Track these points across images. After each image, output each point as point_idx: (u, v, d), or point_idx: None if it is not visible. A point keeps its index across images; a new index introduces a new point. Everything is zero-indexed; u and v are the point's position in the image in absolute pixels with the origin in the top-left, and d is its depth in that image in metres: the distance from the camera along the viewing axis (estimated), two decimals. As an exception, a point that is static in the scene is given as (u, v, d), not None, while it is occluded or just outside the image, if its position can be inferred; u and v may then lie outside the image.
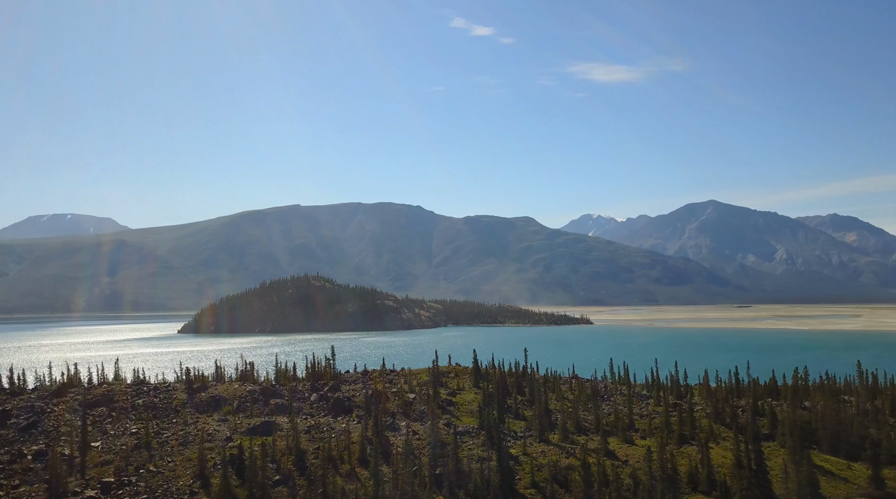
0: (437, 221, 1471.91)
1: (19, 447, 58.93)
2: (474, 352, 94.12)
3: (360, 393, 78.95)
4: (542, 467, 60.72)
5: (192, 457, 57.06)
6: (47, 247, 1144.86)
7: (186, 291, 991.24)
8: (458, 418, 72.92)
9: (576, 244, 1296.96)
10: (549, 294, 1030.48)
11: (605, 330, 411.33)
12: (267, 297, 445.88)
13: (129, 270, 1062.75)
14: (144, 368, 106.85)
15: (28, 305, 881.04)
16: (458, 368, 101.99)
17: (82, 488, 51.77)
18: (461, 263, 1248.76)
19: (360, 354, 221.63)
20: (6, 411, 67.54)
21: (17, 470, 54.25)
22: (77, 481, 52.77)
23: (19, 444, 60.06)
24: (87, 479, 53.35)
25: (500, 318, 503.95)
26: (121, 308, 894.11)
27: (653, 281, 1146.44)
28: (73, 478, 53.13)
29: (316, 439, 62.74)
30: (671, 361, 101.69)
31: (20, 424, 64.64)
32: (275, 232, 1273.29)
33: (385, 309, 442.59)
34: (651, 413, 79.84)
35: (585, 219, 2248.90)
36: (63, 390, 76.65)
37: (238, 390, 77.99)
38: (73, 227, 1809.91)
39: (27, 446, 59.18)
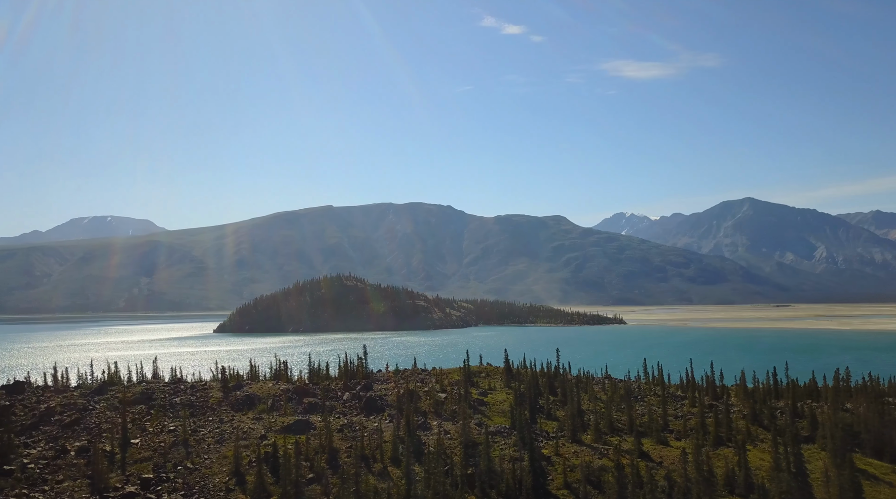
0: (468, 220, 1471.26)
1: (63, 443, 60.66)
2: (506, 352, 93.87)
3: (392, 392, 79.34)
4: (575, 468, 60.24)
5: (228, 455, 58.03)
6: (88, 248, 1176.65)
7: (221, 290, 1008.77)
8: (489, 418, 72.79)
9: (608, 243, 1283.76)
10: (580, 294, 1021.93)
11: (638, 330, 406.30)
12: (300, 296, 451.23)
13: (166, 270, 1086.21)
14: (181, 367, 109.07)
15: (71, 305, 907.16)
16: (490, 367, 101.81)
17: (123, 484, 53.06)
18: (492, 263, 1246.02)
19: (391, 354, 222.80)
20: (50, 408, 69.60)
21: (62, 465, 55.86)
22: (118, 477, 54.11)
23: (63, 440, 61.83)
24: (127, 475, 54.69)
25: (531, 318, 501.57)
26: (158, 308, 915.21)
27: (687, 280, 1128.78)
28: (114, 474, 54.50)
29: (349, 438, 63.26)
30: (706, 361, 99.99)
31: (64, 420, 66.56)
32: (308, 233, 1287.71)
33: (416, 309, 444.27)
34: (686, 414, 78.58)
35: (618, 218, 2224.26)
36: (104, 388, 78.69)
37: (272, 389, 79.06)
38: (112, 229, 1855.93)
39: (70, 443, 60.88)
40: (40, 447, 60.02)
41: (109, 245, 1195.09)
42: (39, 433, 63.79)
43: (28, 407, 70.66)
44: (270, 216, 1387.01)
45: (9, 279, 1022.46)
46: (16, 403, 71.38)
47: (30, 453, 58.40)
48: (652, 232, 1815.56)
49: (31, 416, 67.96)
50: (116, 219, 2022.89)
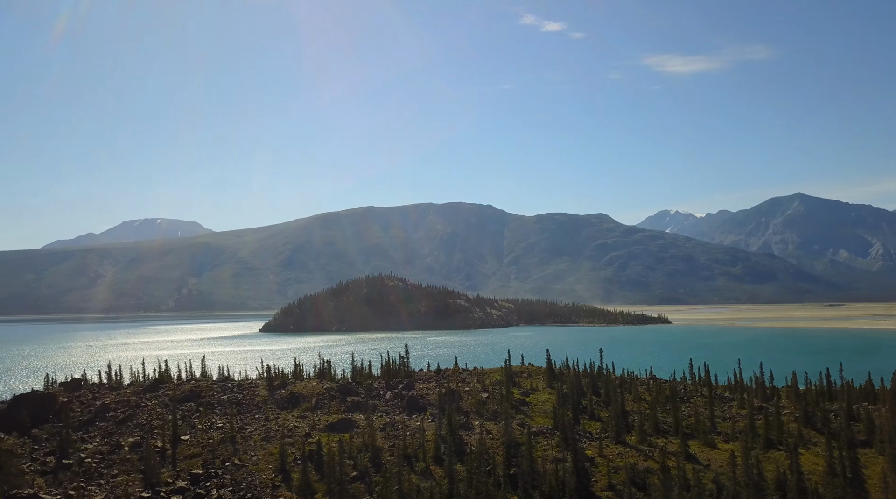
0: (508, 219, 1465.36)
1: (117, 439, 62.77)
2: (547, 352, 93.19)
3: (434, 392, 79.57)
4: (619, 470, 59.38)
5: (274, 452, 59.09)
6: (140, 250, 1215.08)
7: (267, 290, 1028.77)
8: (531, 418, 72.36)
9: (652, 241, 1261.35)
10: (624, 293, 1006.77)
11: (683, 330, 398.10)
12: (342, 296, 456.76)
13: (213, 271, 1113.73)
14: (228, 366, 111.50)
15: (123, 305, 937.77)
16: (532, 368, 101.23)
17: (174, 479, 54.56)
18: (533, 262, 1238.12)
19: (432, 353, 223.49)
20: (105, 404, 72.10)
21: (116, 460, 57.80)
22: (169, 472, 55.68)
23: (117, 435, 63.97)
24: (178, 470, 56.23)
25: (573, 317, 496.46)
26: (206, 308, 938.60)
27: (734, 279, 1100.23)
28: (165, 469, 56.10)
29: (391, 437, 63.71)
30: (755, 361, 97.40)
31: (118, 417, 68.87)
32: (350, 233, 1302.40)
33: (457, 308, 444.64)
34: (734, 416, 76.68)
35: (662, 215, 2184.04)
36: (156, 386, 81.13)
37: (316, 388, 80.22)
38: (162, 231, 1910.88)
39: (124, 438, 62.94)
40: (96, 442, 62.23)
41: (159, 247, 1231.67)
42: (95, 429, 66.15)
43: (85, 404, 73.37)
44: (313, 217, 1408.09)
45: (66, 280, 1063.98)
46: (73, 399, 74.22)
47: (86, 447, 60.61)
48: (697, 230, 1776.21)
49: (87, 412, 70.54)
50: (166, 221, 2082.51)
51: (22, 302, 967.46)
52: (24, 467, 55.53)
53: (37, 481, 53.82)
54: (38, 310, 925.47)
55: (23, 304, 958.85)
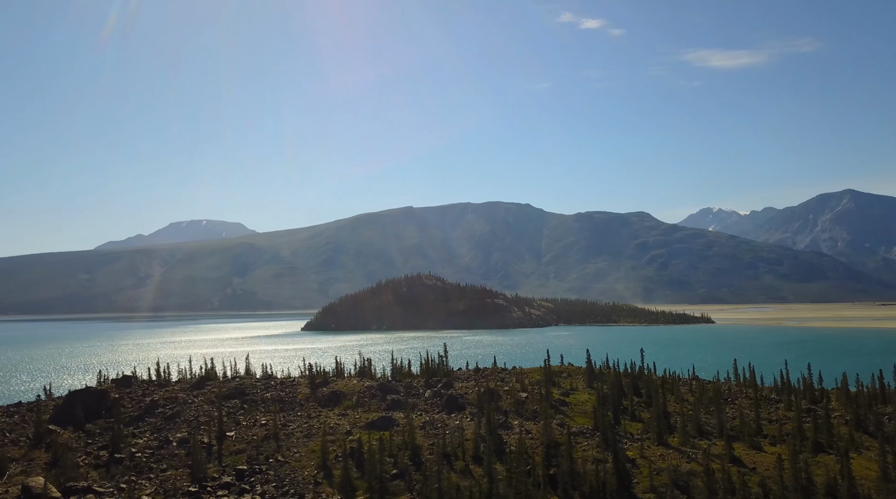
0: (547, 218, 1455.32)
1: (166, 434, 64.69)
2: (587, 351, 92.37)
3: (473, 391, 79.73)
4: (662, 472, 58.56)
5: (316, 449, 60.07)
6: (186, 251, 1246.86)
7: (308, 290, 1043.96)
8: (571, 419, 71.89)
9: (694, 240, 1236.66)
10: (665, 292, 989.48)
11: (728, 330, 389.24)
12: (381, 295, 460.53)
13: (256, 271, 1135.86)
14: (272, 364, 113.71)
15: (171, 304, 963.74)
16: (571, 367, 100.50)
17: (220, 475, 55.98)
18: (572, 261, 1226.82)
19: (470, 353, 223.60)
20: (154, 401, 74.35)
21: (165, 455, 59.59)
22: (215, 468, 57.15)
23: (166, 431, 65.94)
24: (223, 466, 57.66)
25: (613, 317, 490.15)
26: (250, 307, 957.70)
27: (781, 277, 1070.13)
28: (211, 464, 57.60)
29: (431, 435, 64.10)
30: (803, 362, 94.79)
31: (166, 413, 70.95)
32: (389, 233, 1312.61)
33: (495, 307, 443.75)
34: (781, 418, 74.79)
35: (705, 213, 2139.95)
36: (202, 383, 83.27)
37: (357, 386, 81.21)
38: (207, 232, 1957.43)
39: (172, 434, 64.83)
40: (146, 437, 64.26)
41: (205, 248, 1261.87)
42: (145, 424, 68.30)
43: (135, 400, 75.81)
44: (353, 218, 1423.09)
45: (117, 280, 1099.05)
46: (124, 396, 76.73)
47: (137, 442, 62.64)
48: (741, 227, 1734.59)
49: (137, 408, 72.87)
50: (211, 222, 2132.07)
51: (76, 301, 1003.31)
52: (78, 461, 57.71)
53: (91, 474, 55.87)
54: (90, 309, 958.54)
55: (76, 303, 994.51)
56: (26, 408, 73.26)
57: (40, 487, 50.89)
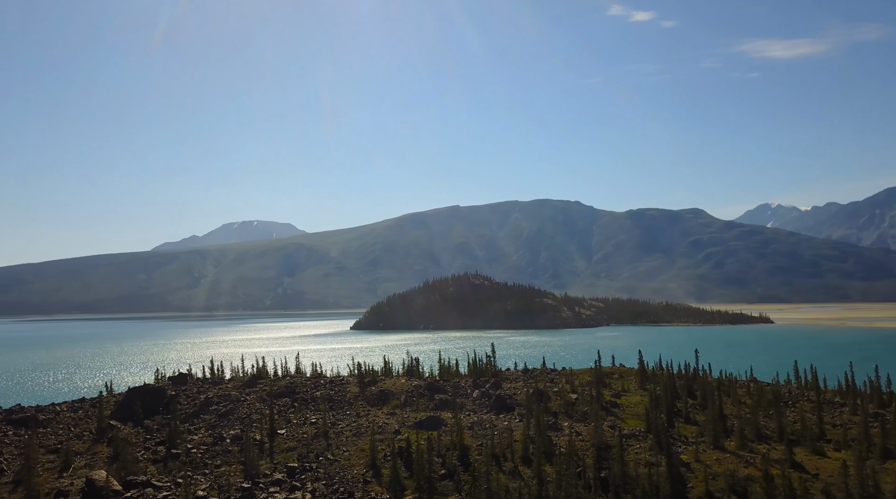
0: (597, 216, 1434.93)
1: (220, 431, 66.18)
2: (640, 352, 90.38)
3: (522, 391, 78.96)
4: (718, 476, 56.65)
5: (365, 448, 60.43)
6: (238, 251, 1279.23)
7: (357, 289, 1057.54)
8: (623, 421, 70.39)
9: (751, 237, 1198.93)
10: (721, 292, 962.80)
11: (787, 330, 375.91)
12: (429, 295, 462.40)
13: (306, 271, 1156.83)
14: (321, 363, 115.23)
15: (224, 304, 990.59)
16: (623, 368, 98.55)
17: (271, 471, 56.90)
18: (623, 260, 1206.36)
19: (518, 353, 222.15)
20: (209, 398, 76.20)
21: (219, 451, 60.95)
22: (267, 465, 58.12)
23: (219, 428, 67.46)
24: (275, 463, 58.61)
25: (666, 317, 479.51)
26: (300, 306, 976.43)
27: (844, 275, 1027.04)
28: (263, 461, 58.61)
29: (479, 436, 63.69)
30: (869, 364, 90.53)
31: (220, 410, 72.62)
32: (436, 232, 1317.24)
33: (543, 307, 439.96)
34: (846, 423, 71.48)
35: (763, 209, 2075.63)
36: (254, 381, 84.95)
37: (404, 385, 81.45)
38: (258, 232, 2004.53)
39: (226, 431, 66.28)
40: (201, 434, 65.88)
41: (256, 248, 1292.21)
42: (200, 421, 70.04)
43: (190, 397, 77.89)
44: (401, 217, 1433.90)
45: (172, 280, 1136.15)
46: (180, 393, 78.94)
47: (192, 438, 64.28)
48: (802, 224, 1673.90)
49: (192, 405, 74.83)
50: (262, 223, 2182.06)
51: (134, 301, 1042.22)
52: (138, 455, 59.58)
53: (149, 468, 57.59)
54: (148, 308, 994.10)
55: (134, 303, 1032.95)
56: (89, 403, 76.11)
57: (103, 480, 52.72)
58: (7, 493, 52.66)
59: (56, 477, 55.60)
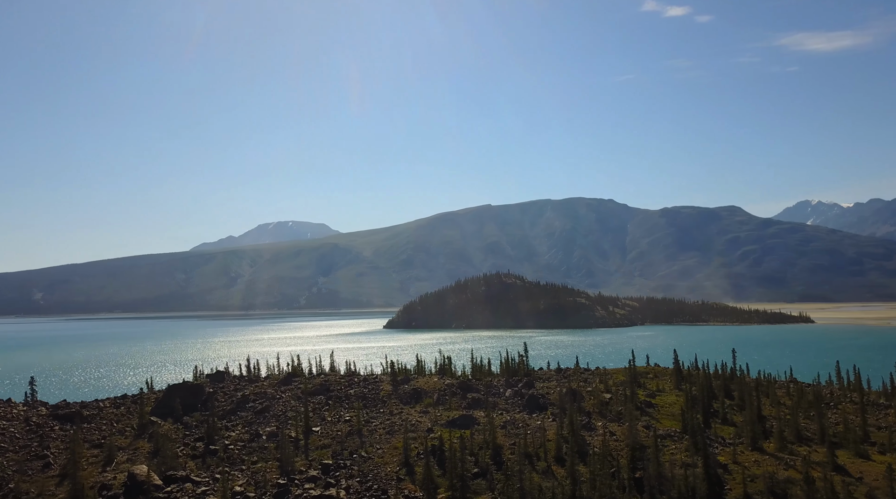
0: (631, 214, 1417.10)
1: (256, 428, 67.34)
2: (675, 352, 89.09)
3: (555, 391, 78.55)
4: (756, 478, 55.57)
5: (398, 445, 60.84)
6: (274, 251, 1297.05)
7: (390, 288, 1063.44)
8: (658, 421, 69.52)
9: (791, 234, 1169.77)
10: (759, 290, 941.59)
11: (828, 330, 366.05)
12: (461, 294, 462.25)
13: (340, 270, 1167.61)
14: (355, 361, 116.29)
15: (260, 303, 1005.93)
16: (658, 368, 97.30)
17: (307, 468, 57.70)
18: (658, 259, 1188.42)
19: (551, 352, 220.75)
20: (245, 396, 77.56)
21: (255, 448, 62.04)
22: (302, 461, 58.96)
23: (256, 425, 68.63)
24: (310, 460, 59.41)
25: (702, 316, 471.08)
26: (334, 305, 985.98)
27: (889, 274, 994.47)
28: (298, 458, 59.47)
29: (511, 435, 63.58)
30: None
31: (256, 408, 73.86)
32: (468, 232, 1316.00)
33: (577, 306, 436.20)
34: (891, 425, 69.42)
35: (803, 206, 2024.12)
36: (289, 379, 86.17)
37: (437, 384, 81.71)
38: (293, 233, 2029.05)
39: (262, 428, 67.41)
40: (238, 431, 67.13)
41: (291, 248, 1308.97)
42: (237, 418, 71.35)
43: (227, 394, 79.39)
44: (432, 217, 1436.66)
45: (210, 280, 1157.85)
46: (218, 390, 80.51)
47: (229, 435, 65.55)
48: (844, 221, 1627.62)
49: (230, 402, 76.27)
50: (297, 223, 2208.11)
51: (173, 300, 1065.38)
52: (177, 451, 60.98)
53: (188, 463, 58.91)
54: (187, 307, 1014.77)
55: (173, 302, 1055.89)
56: (131, 400, 78.10)
57: (144, 474, 54.15)
58: (54, 486, 54.44)
59: (100, 471, 57.26)
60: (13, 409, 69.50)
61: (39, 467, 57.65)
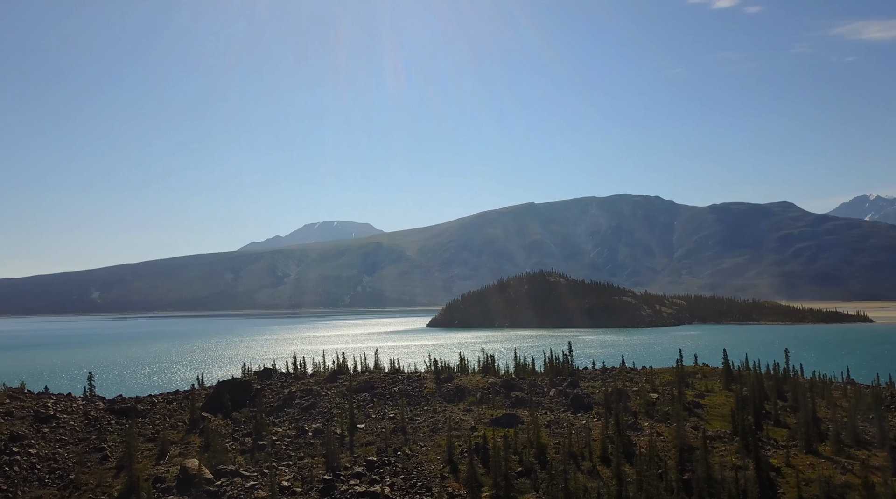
0: (678, 211, 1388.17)
1: (302, 424, 68.47)
2: (724, 351, 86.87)
3: (600, 390, 77.55)
4: (811, 482, 53.76)
5: (442, 443, 61.00)
6: (320, 251, 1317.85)
7: (433, 287, 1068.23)
8: (706, 422, 67.92)
9: (847, 231, 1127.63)
10: (813, 289, 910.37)
11: (889, 329, 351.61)
12: (504, 293, 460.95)
13: (384, 269, 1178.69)
14: (399, 359, 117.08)
15: (307, 302, 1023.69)
16: (706, 368, 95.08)
17: (352, 465, 58.39)
18: (706, 256, 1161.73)
19: (596, 352, 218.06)
20: (292, 392, 78.94)
21: (302, 444, 63.10)
22: (347, 458, 59.69)
23: (302, 421, 69.79)
24: (355, 456, 60.11)
25: (753, 315, 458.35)
26: (379, 304, 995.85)
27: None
28: (344, 454, 60.23)
29: (556, 434, 63.05)
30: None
31: (302, 404, 75.10)
32: (510, 230, 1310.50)
33: (622, 305, 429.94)
34: (957, 430, 66.22)
35: (860, 201, 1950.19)
36: (334, 377, 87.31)
37: (480, 382, 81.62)
38: (338, 232, 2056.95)
39: (308, 424, 68.49)
40: (285, 427, 68.38)
41: (336, 248, 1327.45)
42: (284, 415, 72.70)
43: (275, 391, 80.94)
44: (475, 215, 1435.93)
45: (258, 279, 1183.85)
46: (265, 387, 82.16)
47: (277, 431, 66.82)
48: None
49: (277, 399, 77.74)
50: (342, 223, 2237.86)
51: (223, 299, 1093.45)
52: (227, 446, 62.50)
53: (237, 458, 60.32)
54: (235, 306, 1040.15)
55: (224, 300, 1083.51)
56: (183, 396, 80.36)
57: (195, 468, 55.69)
58: (111, 478, 56.49)
59: (153, 464, 59.13)
60: (73, 403, 72.35)
61: (97, 459, 59.88)
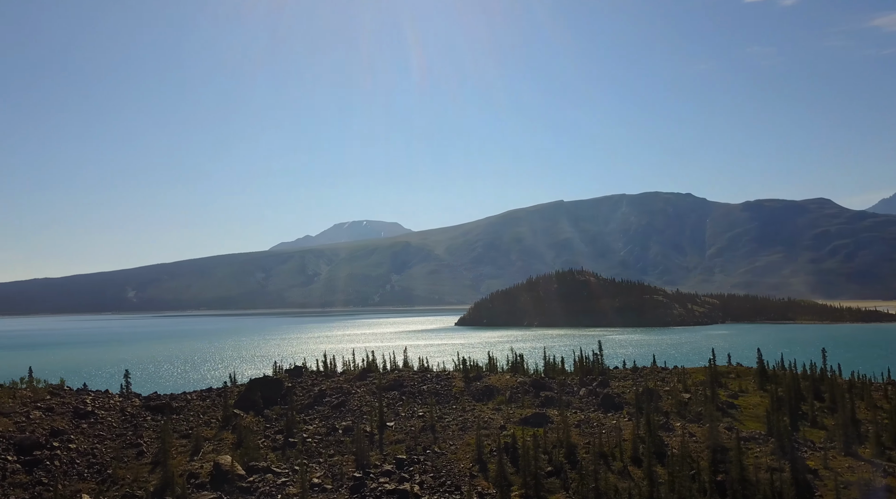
0: (711, 208, 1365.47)
1: (332, 422, 69.10)
2: (759, 351, 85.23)
3: (630, 390, 76.75)
4: (850, 485, 52.45)
5: (471, 442, 60.99)
6: (349, 250, 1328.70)
7: (461, 286, 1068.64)
8: (740, 422, 66.76)
9: (888, 227, 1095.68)
10: (852, 287, 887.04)
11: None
12: (532, 291, 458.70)
13: (413, 268, 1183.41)
14: (428, 357, 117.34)
15: (337, 300, 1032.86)
16: (740, 368, 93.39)
17: (381, 463, 58.76)
18: (740, 254, 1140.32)
19: (627, 351, 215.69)
20: (322, 390, 79.71)
21: (332, 441, 63.69)
22: (377, 456, 60.08)
23: (332, 419, 70.44)
24: (384, 454, 60.47)
25: (788, 314, 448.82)
26: (407, 302, 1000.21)
27: None
28: (373, 452, 60.65)
29: (586, 434, 62.57)
30: None
31: (332, 402, 75.79)
32: (539, 228, 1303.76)
33: (653, 304, 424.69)
34: None
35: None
36: (364, 375, 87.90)
37: (509, 381, 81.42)
38: (368, 232, 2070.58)
39: (338, 422, 69.10)
40: (315, 424, 69.09)
41: (366, 247, 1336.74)
42: (314, 412, 73.44)
43: (305, 389, 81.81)
44: (503, 214, 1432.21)
45: (288, 278, 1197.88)
46: (296, 385, 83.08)
47: (307, 428, 67.56)
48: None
49: (307, 396, 78.58)
50: (371, 223, 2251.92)
51: (254, 298, 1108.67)
52: (259, 443, 63.40)
53: (269, 455, 61.15)
54: (266, 305, 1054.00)
55: (255, 299, 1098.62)
56: (216, 393, 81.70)
57: (228, 464, 56.65)
58: (147, 473, 57.75)
59: (188, 460, 60.27)
60: (110, 399, 74.10)
61: (134, 454, 61.25)
